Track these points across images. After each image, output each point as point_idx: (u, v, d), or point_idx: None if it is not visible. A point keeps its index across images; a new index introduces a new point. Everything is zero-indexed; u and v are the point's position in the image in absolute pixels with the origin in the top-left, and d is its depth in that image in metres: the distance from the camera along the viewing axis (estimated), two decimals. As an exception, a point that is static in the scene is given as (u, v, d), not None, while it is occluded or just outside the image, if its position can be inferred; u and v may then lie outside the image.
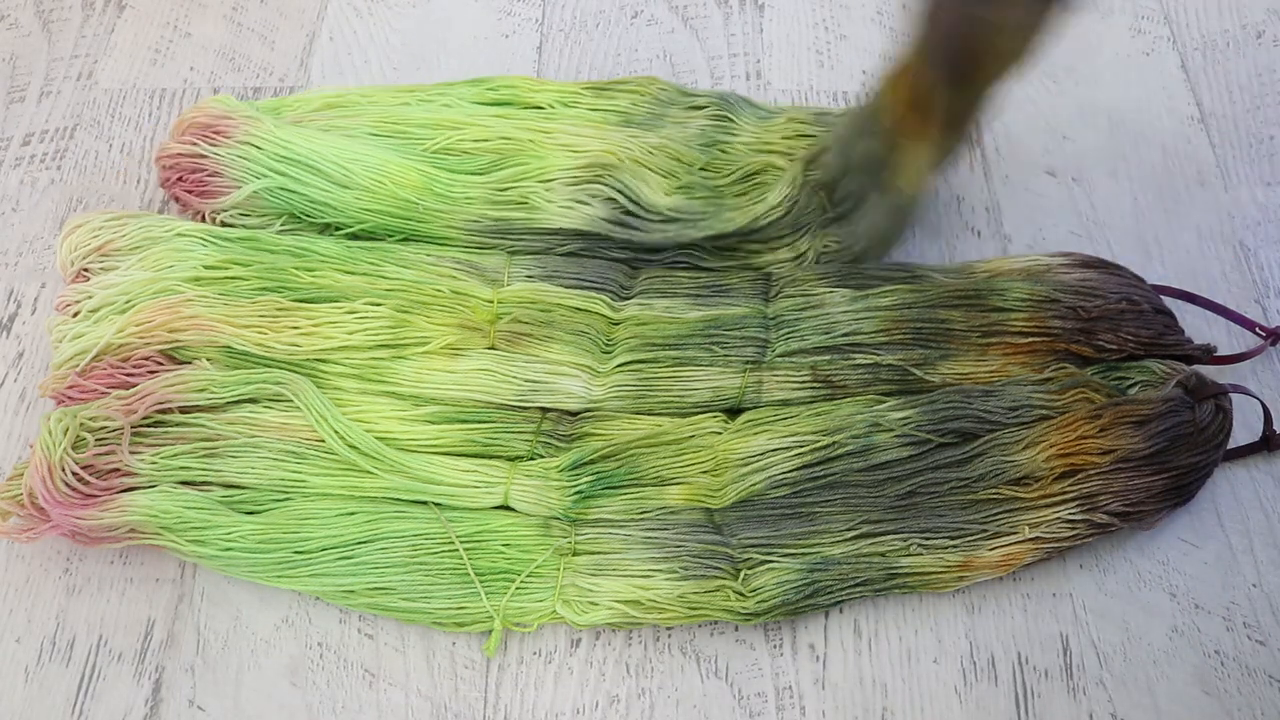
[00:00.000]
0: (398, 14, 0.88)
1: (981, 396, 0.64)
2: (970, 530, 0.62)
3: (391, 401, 0.66)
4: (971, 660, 0.61)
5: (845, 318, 0.67)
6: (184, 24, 0.87)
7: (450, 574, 0.61)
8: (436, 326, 0.67)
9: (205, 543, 0.60)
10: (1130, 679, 0.60)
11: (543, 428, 0.65)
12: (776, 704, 0.60)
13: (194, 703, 0.60)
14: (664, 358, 0.67)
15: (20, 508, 0.60)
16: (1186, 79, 0.83)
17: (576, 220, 0.71)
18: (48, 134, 0.81)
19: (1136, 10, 0.86)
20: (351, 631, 0.62)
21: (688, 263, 0.72)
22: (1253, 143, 0.80)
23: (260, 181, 0.70)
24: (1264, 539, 0.64)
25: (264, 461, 0.63)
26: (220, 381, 0.64)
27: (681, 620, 0.61)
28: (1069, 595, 0.63)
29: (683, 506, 0.64)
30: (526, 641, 0.62)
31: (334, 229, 0.72)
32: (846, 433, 0.63)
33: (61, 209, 0.77)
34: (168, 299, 0.66)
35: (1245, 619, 0.62)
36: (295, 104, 0.77)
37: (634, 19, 0.87)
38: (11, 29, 0.87)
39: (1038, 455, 0.62)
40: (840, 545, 0.62)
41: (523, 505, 0.63)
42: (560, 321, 0.67)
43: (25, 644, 0.62)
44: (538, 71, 0.84)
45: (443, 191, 0.71)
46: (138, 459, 0.61)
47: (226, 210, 0.72)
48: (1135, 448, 0.62)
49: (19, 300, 0.73)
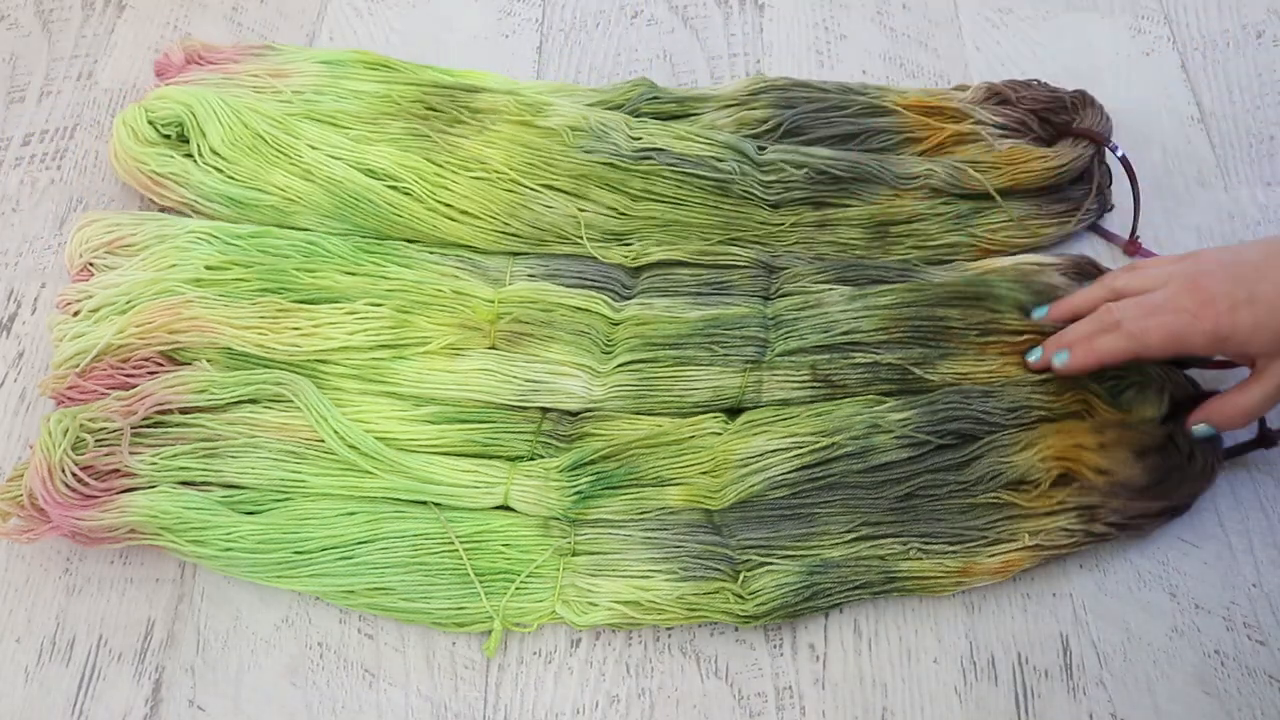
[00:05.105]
0: (398, 14, 0.88)
1: (980, 397, 0.64)
2: (970, 536, 0.62)
3: (391, 402, 0.66)
4: (971, 660, 0.61)
5: (844, 316, 0.67)
6: (184, 24, 0.87)
7: (450, 574, 0.61)
8: (437, 326, 0.67)
9: (205, 543, 0.60)
10: (1130, 679, 0.60)
11: (543, 428, 0.65)
12: (776, 704, 0.60)
13: (194, 703, 0.60)
14: (664, 357, 0.67)
15: (20, 508, 0.60)
16: (1186, 79, 0.83)
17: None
18: (48, 134, 0.81)
19: (1136, 10, 0.86)
20: (351, 631, 0.62)
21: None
22: (1253, 143, 0.79)
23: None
24: (1264, 539, 0.64)
25: (264, 462, 0.63)
26: (220, 382, 0.64)
27: (680, 621, 0.61)
28: (1069, 595, 0.63)
29: (682, 507, 0.64)
30: (526, 641, 0.62)
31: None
32: (845, 434, 0.63)
33: (61, 209, 0.77)
34: (168, 300, 0.66)
35: (1245, 619, 0.62)
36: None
37: (634, 19, 0.87)
38: (11, 29, 0.87)
39: (1034, 457, 0.63)
40: (839, 548, 0.62)
41: (523, 505, 0.63)
42: (561, 321, 0.68)
43: (25, 644, 0.62)
44: (538, 72, 0.84)
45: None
46: (138, 460, 0.61)
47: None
48: (1133, 476, 0.61)
49: (19, 300, 0.73)
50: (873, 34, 0.86)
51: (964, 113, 0.77)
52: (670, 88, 0.79)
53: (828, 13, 0.88)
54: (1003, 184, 0.74)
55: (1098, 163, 0.75)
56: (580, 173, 0.72)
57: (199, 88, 0.74)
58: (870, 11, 0.88)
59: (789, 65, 0.85)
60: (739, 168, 0.73)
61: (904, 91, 0.79)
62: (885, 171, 0.73)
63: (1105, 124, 0.76)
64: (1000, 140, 0.76)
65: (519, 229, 0.72)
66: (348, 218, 0.71)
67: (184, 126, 0.72)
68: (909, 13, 0.87)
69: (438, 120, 0.75)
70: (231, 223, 0.71)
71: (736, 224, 0.73)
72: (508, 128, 0.74)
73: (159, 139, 0.73)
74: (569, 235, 0.72)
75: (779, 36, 0.86)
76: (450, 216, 0.71)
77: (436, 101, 0.75)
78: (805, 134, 0.76)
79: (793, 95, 0.78)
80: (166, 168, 0.72)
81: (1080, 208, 0.75)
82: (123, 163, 0.73)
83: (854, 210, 0.73)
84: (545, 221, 0.72)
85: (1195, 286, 0.59)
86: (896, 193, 0.74)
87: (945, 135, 0.76)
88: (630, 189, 0.72)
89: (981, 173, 0.73)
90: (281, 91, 0.76)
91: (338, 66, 0.78)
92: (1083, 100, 0.77)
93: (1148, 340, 0.60)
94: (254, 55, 0.79)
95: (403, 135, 0.74)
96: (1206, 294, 0.59)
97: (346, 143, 0.72)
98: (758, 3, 0.88)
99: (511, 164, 0.72)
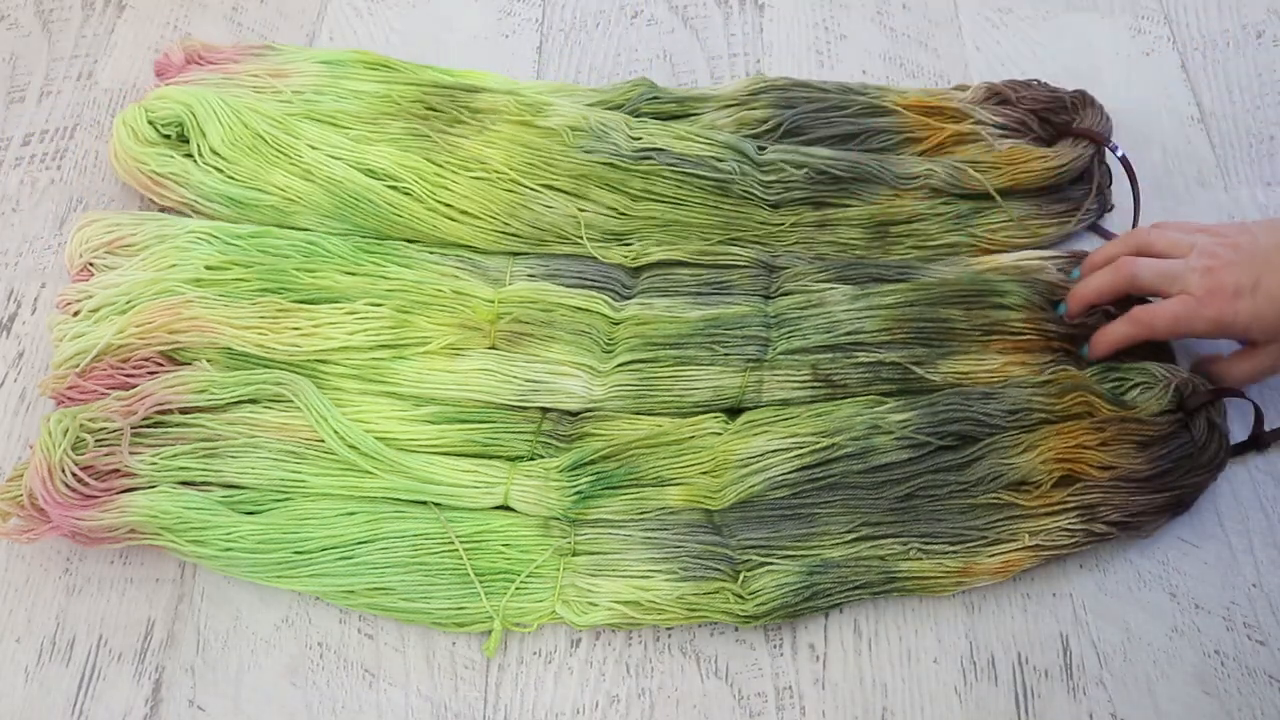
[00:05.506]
0: (398, 14, 0.88)
1: (981, 399, 0.64)
2: (970, 536, 0.62)
3: (392, 402, 0.66)
4: (971, 660, 0.61)
5: (847, 316, 0.67)
6: (184, 24, 0.87)
7: (450, 574, 0.61)
8: (437, 326, 0.67)
9: (205, 543, 0.60)
10: (1130, 679, 0.60)
11: (543, 428, 0.65)
12: (776, 704, 0.60)
13: (194, 703, 0.60)
14: (665, 357, 0.67)
15: (20, 508, 0.60)
16: (1186, 79, 0.83)
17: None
18: (48, 134, 0.81)
19: (1136, 10, 0.86)
20: (351, 631, 0.62)
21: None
22: (1253, 143, 0.79)
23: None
24: (1264, 539, 0.64)
25: (264, 462, 0.63)
26: (220, 382, 0.64)
27: (680, 621, 0.61)
28: (1069, 595, 0.63)
29: (682, 507, 0.64)
30: (526, 641, 0.62)
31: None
32: (846, 434, 0.63)
33: (61, 209, 0.77)
34: (168, 300, 0.66)
35: (1245, 619, 0.62)
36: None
37: (634, 19, 0.87)
38: (11, 29, 0.87)
39: (1035, 459, 0.63)
40: (840, 548, 0.62)
41: (523, 505, 0.63)
42: (561, 321, 0.68)
43: (25, 644, 0.62)
44: (538, 72, 0.84)
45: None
46: (138, 460, 0.61)
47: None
48: (1137, 468, 0.62)
49: (19, 300, 0.73)
50: (873, 34, 0.86)
51: (964, 113, 0.77)
52: (670, 88, 0.79)
53: (828, 13, 0.88)
54: (1003, 184, 0.74)
55: (1098, 163, 0.75)
56: (580, 173, 0.72)
57: (199, 88, 0.74)
58: (870, 11, 0.88)
59: (789, 65, 0.85)
60: (739, 168, 0.73)
61: (904, 91, 0.79)
62: (885, 171, 0.73)
63: (1105, 124, 0.76)
64: (1000, 140, 0.76)
65: (519, 229, 0.72)
66: (348, 218, 0.71)
67: (184, 126, 0.72)
68: (909, 13, 0.87)
69: (438, 120, 0.75)
70: (231, 223, 0.71)
71: (736, 224, 0.73)
72: (508, 128, 0.74)
73: (159, 139, 0.73)
74: (569, 235, 0.72)
75: (779, 36, 0.86)
76: (450, 216, 0.71)
77: (436, 101, 0.75)
78: (805, 134, 0.76)
79: (793, 95, 0.78)
80: (166, 168, 0.72)
81: (1080, 208, 0.75)
82: (123, 163, 0.73)
83: (854, 210, 0.73)
84: (545, 221, 0.72)
85: (1207, 271, 0.62)
86: (896, 193, 0.74)
87: (945, 135, 0.76)
88: (630, 189, 0.72)
89: (981, 173, 0.73)
90: (281, 91, 0.76)
91: (338, 66, 0.78)
92: (1083, 100, 0.77)
93: (1155, 326, 0.64)
94: (254, 55, 0.79)
95: (403, 135, 0.74)
96: (1216, 281, 0.61)
97: (346, 143, 0.72)
98: (758, 3, 0.88)
99: (511, 164, 0.72)
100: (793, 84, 0.78)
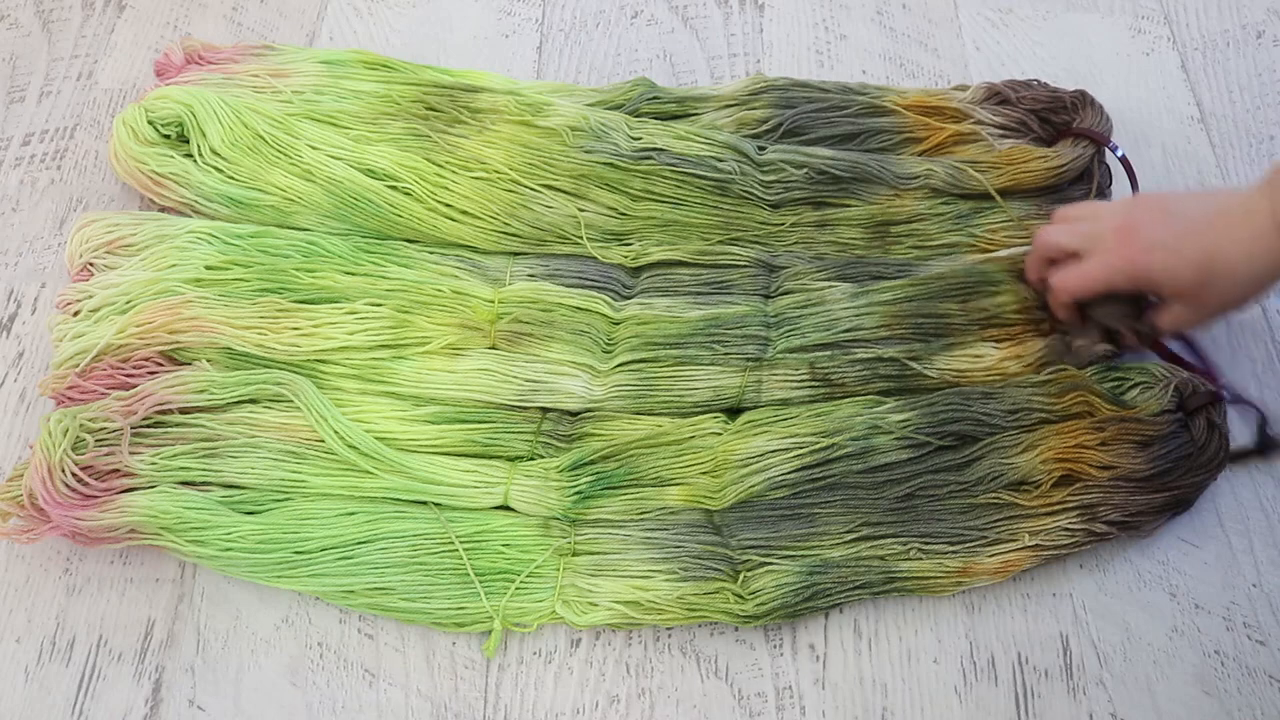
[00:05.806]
0: (398, 14, 0.88)
1: (981, 399, 0.64)
2: (970, 536, 0.62)
3: (392, 402, 0.66)
4: (971, 660, 0.61)
5: (846, 314, 0.67)
6: (184, 24, 0.87)
7: (450, 574, 0.61)
8: (437, 326, 0.67)
9: (205, 543, 0.60)
10: (1130, 679, 0.60)
11: (543, 428, 0.65)
12: (776, 704, 0.60)
13: (194, 703, 0.60)
14: (665, 357, 0.67)
15: (20, 508, 0.60)
16: (1186, 79, 0.83)
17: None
18: (48, 134, 0.81)
19: (1136, 10, 0.86)
20: (351, 631, 0.62)
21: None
22: (1253, 143, 0.79)
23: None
24: (1264, 539, 0.64)
25: (264, 462, 0.63)
26: (220, 382, 0.64)
27: (680, 621, 0.61)
28: (1069, 595, 0.63)
29: (682, 507, 0.64)
30: (526, 641, 0.62)
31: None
32: (846, 434, 0.63)
33: (61, 209, 0.77)
34: (168, 300, 0.66)
35: (1245, 619, 0.62)
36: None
37: (634, 19, 0.87)
38: (11, 29, 0.87)
39: (1035, 459, 0.63)
40: (839, 548, 0.62)
41: (523, 505, 0.63)
42: (561, 321, 0.68)
43: (25, 644, 0.62)
44: (538, 72, 0.84)
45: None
46: (138, 460, 0.61)
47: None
48: (1137, 468, 0.62)
49: (19, 300, 0.73)
50: (873, 34, 0.86)
51: (964, 113, 0.77)
52: (670, 88, 0.79)
53: (828, 13, 0.88)
54: (1003, 184, 0.74)
55: (1098, 163, 0.75)
56: (580, 173, 0.72)
57: (199, 88, 0.74)
58: (870, 11, 0.88)
59: (789, 65, 0.85)
60: (739, 168, 0.73)
61: (904, 91, 0.79)
62: (885, 171, 0.73)
63: (1105, 124, 0.76)
64: (1000, 140, 0.76)
65: (519, 229, 0.72)
66: (348, 218, 0.71)
67: (184, 126, 0.72)
68: (909, 13, 0.87)
69: (438, 120, 0.75)
70: (231, 223, 0.71)
71: (736, 224, 0.73)
72: (508, 128, 0.74)
73: (159, 139, 0.73)
74: (569, 235, 0.72)
75: (779, 36, 0.86)
76: (450, 216, 0.71)
77: (436, 101, 0.75)
78: (805, 134, 0.76)
79: (793, 95, 0.78)
80: (166, 168, 0.72)
81: (1080, 208, 0.75)
82: (123, 163, 0.73)
83: (854, 210, 0.73)
84: (545, 221, 0.72)
85: (1124, 225, 0.62)
86: (896, 193, 0.74)
87: (945, 135, 0.76)
88: (630, 189, 0.72)
89: (981, 173, 0.73)
90: (281, 91, 0.76)
91: (338, 66, 0.78)
92: (1083, 100, 0.77)
93: (1068, 286, 0.64)
94: (254, 55, 0.79)
95: (403, 135, 0.74)
96: (1130, 233, 0.62)
97: (347, 143, 0.72)
98: (758, 3, 0.88)
99: (512, 164, 0.72)
100: (793, 84, 0.78)
